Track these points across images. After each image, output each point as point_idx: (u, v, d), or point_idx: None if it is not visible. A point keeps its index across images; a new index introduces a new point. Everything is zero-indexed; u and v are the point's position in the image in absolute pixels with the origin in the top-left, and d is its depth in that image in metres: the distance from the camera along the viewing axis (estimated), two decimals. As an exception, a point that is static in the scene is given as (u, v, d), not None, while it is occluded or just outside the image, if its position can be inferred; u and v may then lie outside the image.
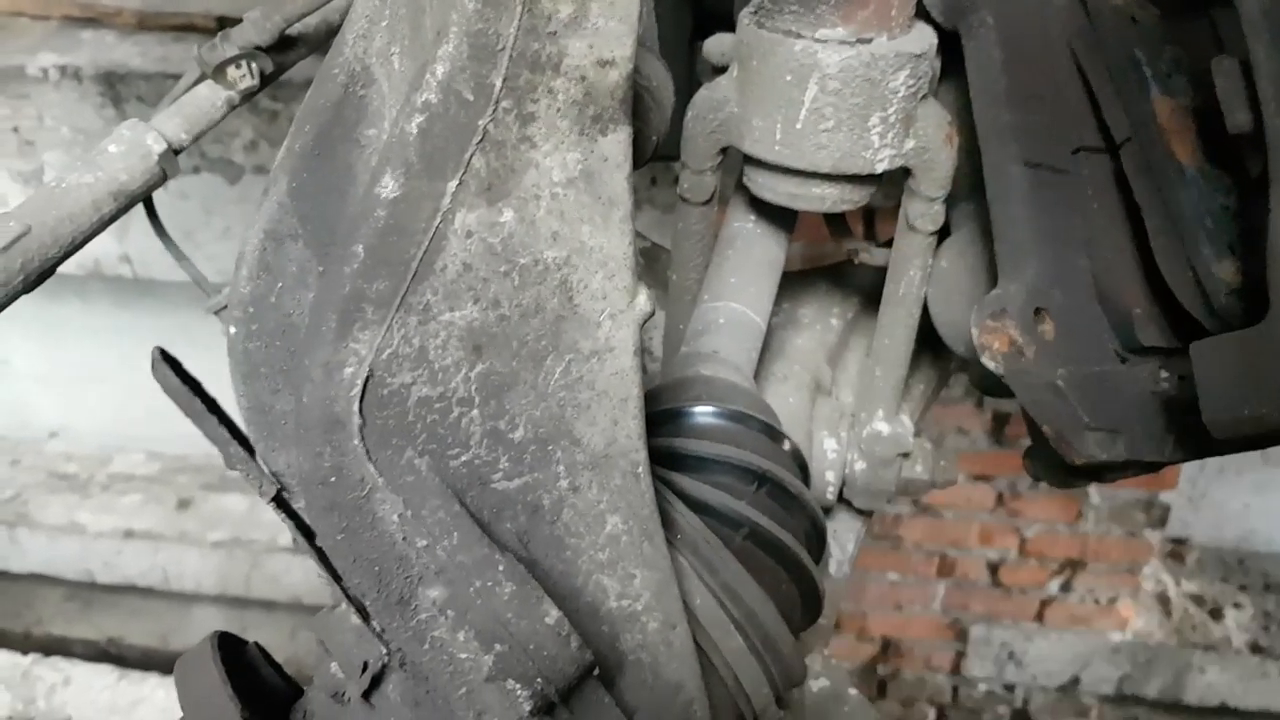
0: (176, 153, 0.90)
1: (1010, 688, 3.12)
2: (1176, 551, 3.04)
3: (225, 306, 0.91)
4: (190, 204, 2.73)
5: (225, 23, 2.74)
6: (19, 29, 2.77)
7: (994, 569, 2.95)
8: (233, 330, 0.65)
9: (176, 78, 2.69)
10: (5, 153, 2.63)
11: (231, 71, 0.92)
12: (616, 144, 0.60)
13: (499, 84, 0.56)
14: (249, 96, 0.94)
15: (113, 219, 0.88)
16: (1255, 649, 2.90)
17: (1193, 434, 0.79)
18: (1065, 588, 2.95)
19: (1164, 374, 0.81)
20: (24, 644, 2.97)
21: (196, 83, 0.94)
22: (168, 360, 0.69)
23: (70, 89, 2.61)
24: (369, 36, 0.64)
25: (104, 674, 2.18)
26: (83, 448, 3.28)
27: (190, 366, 0.69)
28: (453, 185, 0.56)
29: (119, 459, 3.25)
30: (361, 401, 0.56)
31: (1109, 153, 0.85)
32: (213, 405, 0.68)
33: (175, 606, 3.23)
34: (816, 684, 0.95)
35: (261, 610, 3.16)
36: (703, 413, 0.77)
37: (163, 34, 2.71)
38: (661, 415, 0.78)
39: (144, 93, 2.58)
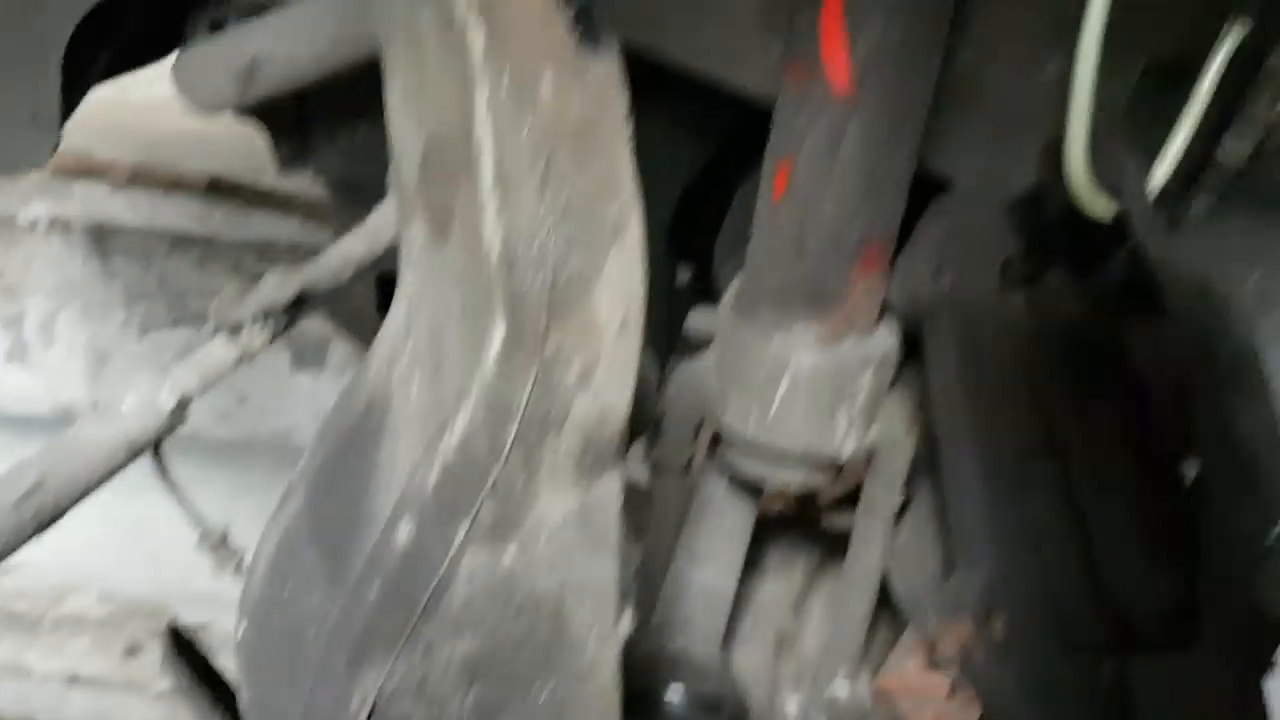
0: (185, 406, 0.95)
1: None
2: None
3: (219, 542, 0.95)
4: (168, 355, 2.77)
5: (217, 183, 2.83)
6: (15, 178, 2.84)
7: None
8: (244, 624, 0.69)
9: (165, 234, 2.74)
10: (-12, 295, 2.67)
11: (246, 331, 0.97)
12: (611, 485, 0.66)
13: (510, 440, 0.62)
14: (260, 351, 1.00)
15: (122, 468, 0.92)
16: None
17: (1131, 734, 0.84)
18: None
19: (1106, 677, 0.86)
20: (-47, 790, 2.87)
21: (210, 339, 1.00)
22: (179, 644, 0.73)
23: (58, 239, 2.67)
24: (392, 365, 0.70)
25: None
26: (34, 586, 3.23)
27: (148, 510, 0.71)
28: (463, 530, 0.62)
29: (71, 599, 3.20)
30: (365, 732, 0.61)
31: (1058, 456, 0.93)
32: (222, 691, 0.72)
33: (114, 755, 3.15)
34: None
35: (201, 763, 3.09)
36: (674, 704, 0.81)
37: (153, 190, 2.79)
38: (636, 699, 0.82)
39: (131, 247, 2.64)
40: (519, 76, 0.57)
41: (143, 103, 2.56)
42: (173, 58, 1.20)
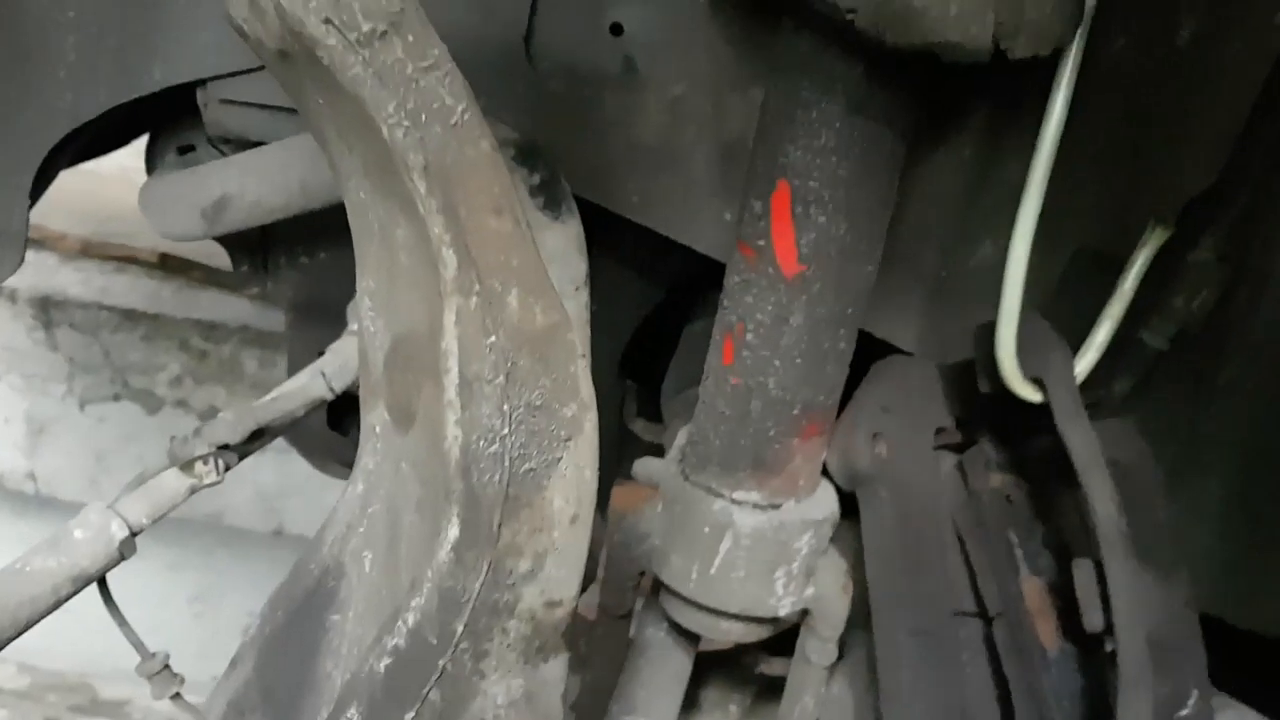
0: (135, 535, 0.96)
1: None
2: None
3: (159, 670, 0.95)
4: (107, 429, 2.74)
5: (168, 260, 2.83)
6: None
7: None
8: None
9: (113, 309, 2.72)
10: (-70, 363, 2.64)
11: (199, 466, 0.99)
12: (556, 669, 0.68)
13: (460, 629, 0.64)
14: (210, 486, 1.01)
15: (67, 599, 0.92)
16: None
17: None
18: None
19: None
20: None
21: (163, 469, 1.01)
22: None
23: (3, 308, 2.65)
24: (346, 539, 0.72)
25: None
26: (-50, 658, 3.15)
27: None
28: (409, 717, 0.64)
29: (-12, 672, 3.12)
30: None
31: (983, 619, 0.97)
32: None
33: (23, 833, 3.05)
34: None
35: (114, 843, 3.00)
36: None
37: (104, 263, 2.78)
38: None
39: (77, 321, 2.63)
40: (488, 293, 0.61)
41: (97, 175, 2.57)
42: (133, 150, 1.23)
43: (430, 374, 0.64)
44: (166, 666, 1.01)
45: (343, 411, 1.43)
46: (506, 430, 0.64)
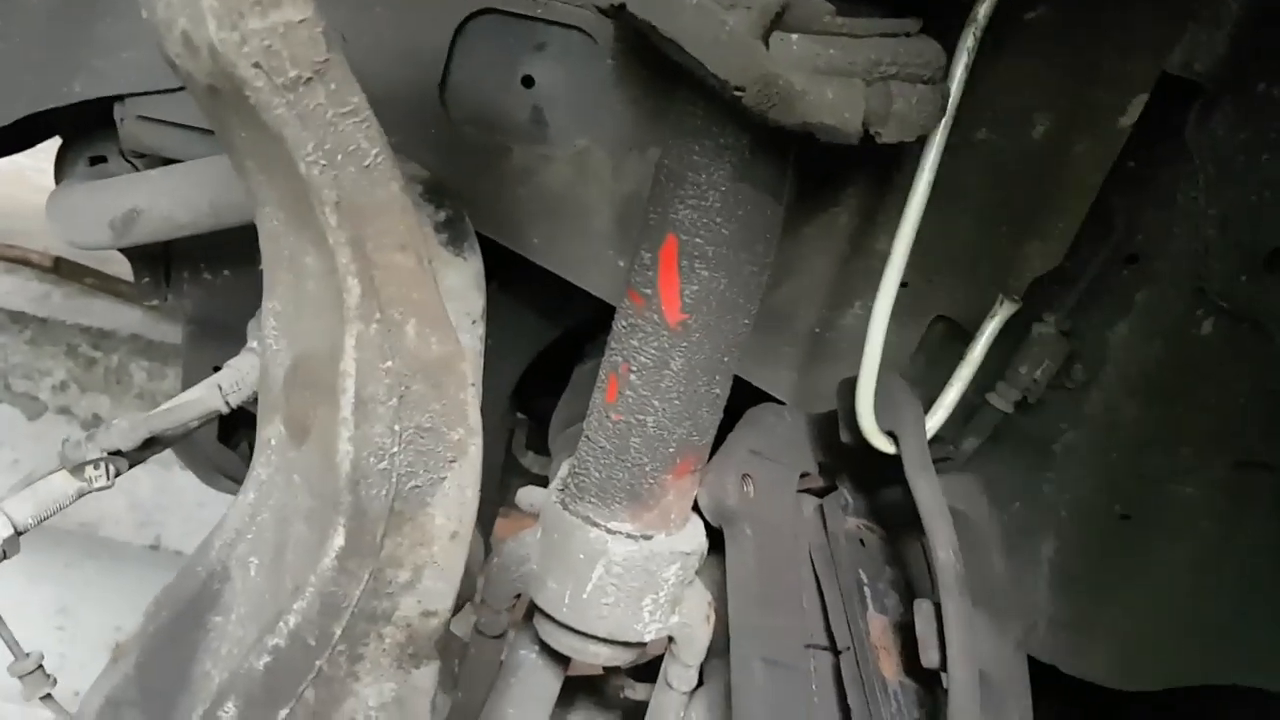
0: (19, 534, 0.97)
1: None
2: None
3: (32, 671, 0.97)
4: (-14, 425, 2.68)
5: (61, 263, 2.79)
6: None
7: None
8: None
9: (6, 312, 2.66)
10: None
11: (89, 470, 1.01)
12: (427, 675, 0.73)
13: (338, 632, 0.69)
14: (99, 490, 1.03)
15: (-57, 596, 0.93)
16: None
17: None
18: None
19: None
20: None
21: (52, 472, 1.02)
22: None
23: None
24: (234, 545, 0.76)
25: None
26: None
27: None
28: (284, 714, 0.68)
29: None
30: None
31: (833, 652, 1.04)
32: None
33: None
34: None
35: None
36: None
37: (-4, 265, 2.73)
38: None
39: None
40: (388, 322, 0.66)
41: (-8, 174, 2.54)
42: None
43: (327, 393, 0.69)
44: (40, 667, 1.03)
45: (232, 427, 1.45)
46: (396, 449, 0.69)
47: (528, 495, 1.12)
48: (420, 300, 0.67)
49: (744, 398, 1.11)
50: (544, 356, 1.45)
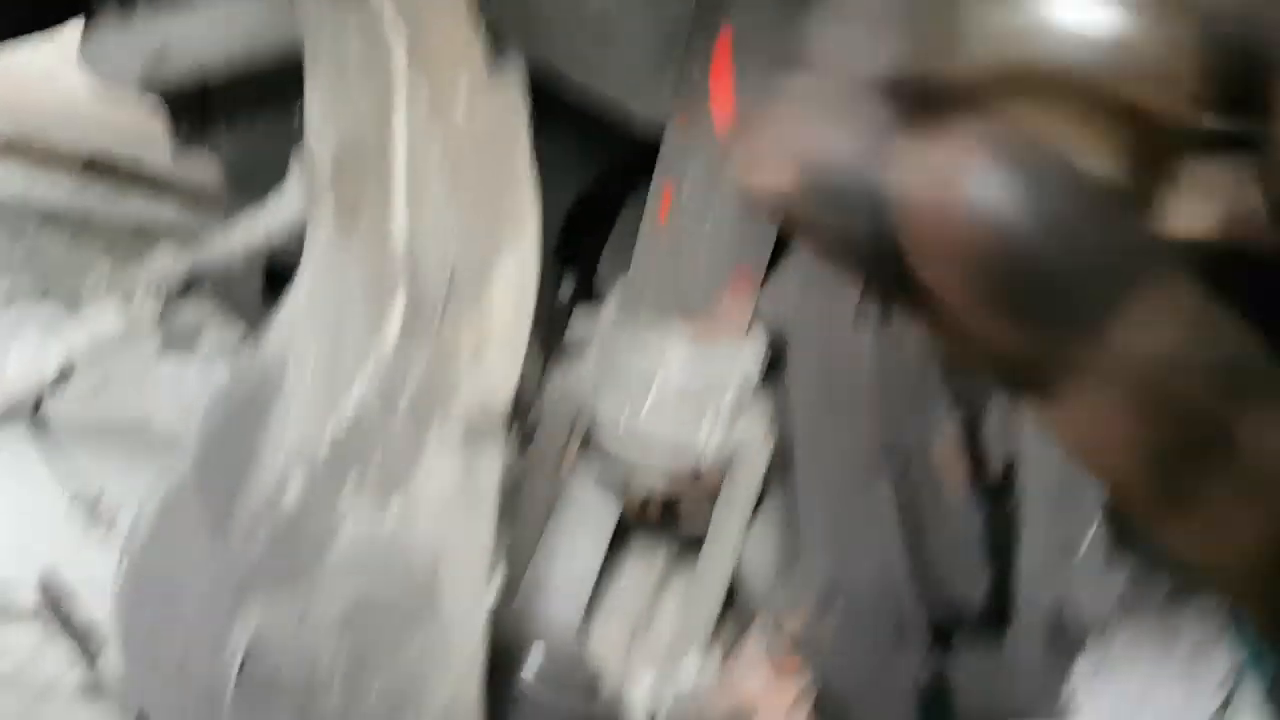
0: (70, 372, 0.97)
1: None
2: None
3: (90, 507, 0.97)
4: (28, 326, 2.69)
5: (94, 162, 2.77)
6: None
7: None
8: (122, 581, 0.72)
9: (37, 209, 2.67)
10: None
11: (135, 304, 1.00)
12: (492, 456, 0.72)
13: (403, 407, 0.67)
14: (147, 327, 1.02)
15: None
16: None
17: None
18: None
19: (927, 670, 0.96)
20: None
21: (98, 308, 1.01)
22: (50, 595, 0.75)
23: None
24: (291, 337, 0.74)
25: None
26: None
27: None
28: (351, 485, 0.67)
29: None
30: (239, 674, 0.65)
31: (898, 462, 1.02)
32: (92, 643, 0.75)
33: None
34: None
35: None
36: (528, 683, 0.87)
37: (27, 164, 2.71)
38: (494, 674, 0.87)
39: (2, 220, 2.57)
40: (436, 90, 0.64)
41: (21, 73, 2.51)
42: (59, 31, 1.21)
43: (376, 176, 0.67)
44: (99, 502, 1.03)
45: (279, 284, 1.44)
46: (450, 227, 0.66)
47: (581, 326, 1.10)
48: (469, 59, 0.64)
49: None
50: (586, 203, 1.41)
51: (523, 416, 0.90)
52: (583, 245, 1.49)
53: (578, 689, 0.88)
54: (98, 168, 2.81)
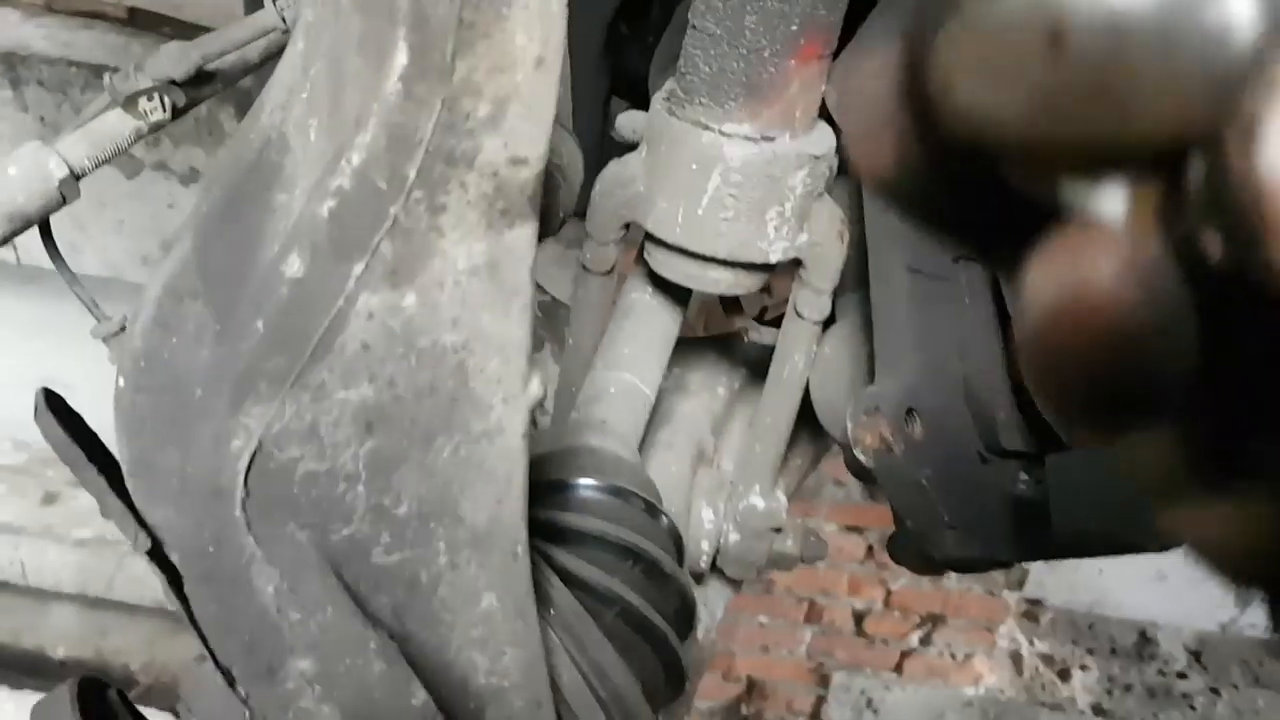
0: (78, 178, 0.89)
1: (867, 733, 3.21)
2: (1031, 612, 3.16)
3: (116, 333, 0.90)
4: (85, 194, 2.65)
5: (135, 14, 2.68)
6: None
7: (859, 618, 3.03)
8: (121, 382, 0.65)
9: (80, 65, 2.61)
10: (-109, 125, 2.54)
11: (143, 103, 0.91)
12: (522, 237, 0.62)
13: (413, 175, 0.58)
14: (158, 128, 0.94)
15: (5, 241, 0.86)
16: (1098, 711, 3.03)
17: (1043, 538, 0.84)
18: (925, 641, 3.05)
19: (1022, 478, 0.86)
20: None
21: (106, 109, 0.93)
22: (51, 404, 0.69)
23: (-33, 66, 2.52)
24: (288, 107, 0.65)
25: (-51, 684, 2.10)
26: (-54, 433, 3.15)
27: (67, 361, 0.67)
28: (359, 269, 0.58)
29: (-16, 447, 3.13)
30: (247, 474, 0.57)
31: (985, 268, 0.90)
32: (94, 449, 0.68)
33: (32, 603, 3.11)
34: (675, 751, 0.98)
35: (122, 613, 3.07)
36: (585, 486, 0.79)
37: (70, 19, 2.64)
38: (546, 486, 0.80)
39: (45, 77, 2.51)
40: None
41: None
42: None
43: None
44: (123, 328, 0.96)
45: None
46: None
47: (629, 120, 0.99)
48: None
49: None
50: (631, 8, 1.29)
51: (562, 209, 0.79)
52: (629, 45, 1.38)
53: (637, 506, 0.80)
54: (139, 22, 2.72)
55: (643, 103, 1.30)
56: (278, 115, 0.65)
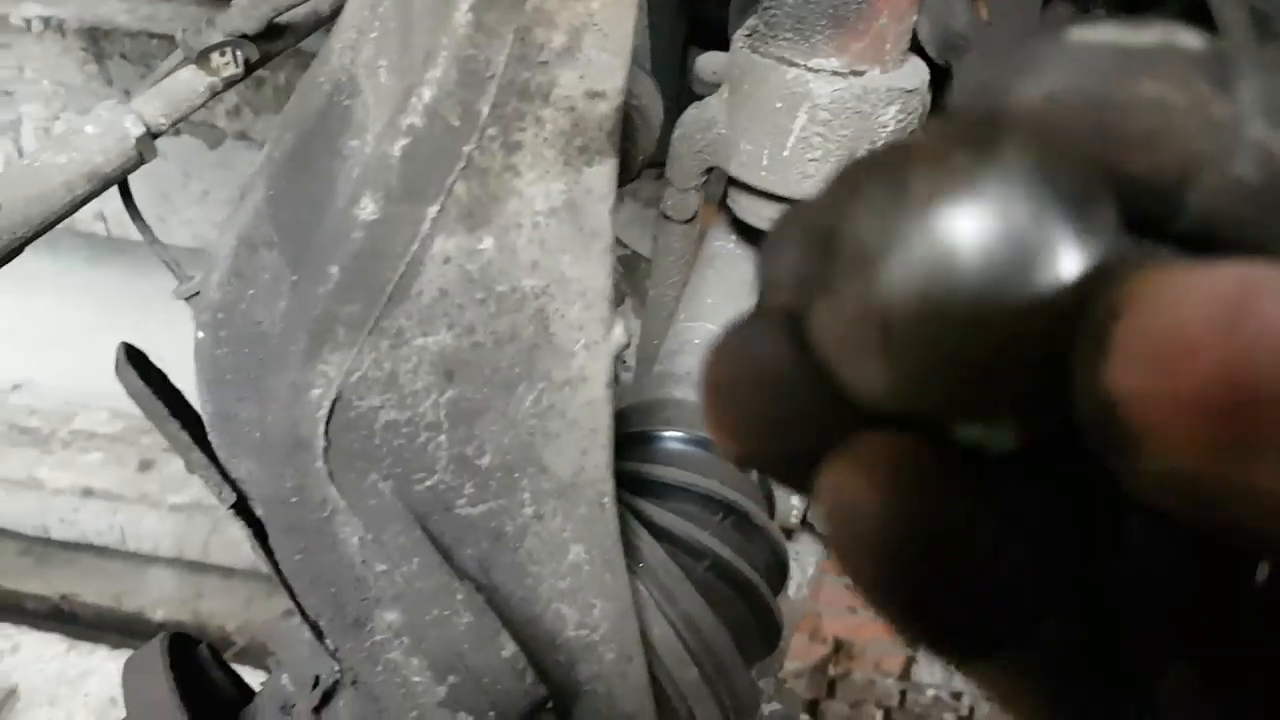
0: (154, 136, 0.89)
1: (957, 695, 3.16)
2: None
3: (196, 293, 0.90)
4: (169, 166, 2.69)
5: (215, -15, 2.69)
6: (4, -25, 2.72)
7: (951, 578, 2.97)
8: (201, 335, 0.64)
9: (161, 37, 2.63)
10: (-17, 101, 2.60)
11: (215, 58, 0.90)
12: (602, 176, 0.59)
13: (486, 111, 0.55)
14: (232, 84, 0.93)
15: (85, 200, 0.86)
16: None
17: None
18: (1019, 601, 2.98)
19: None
20: (-25, 597, 2.94)
21: (179, 66, 0.92)
22: (132, 359, 0.68)
23: (53, 42, 2.57)
24: (357, 48, 0.63)
25: (53, 643, 2.16)
26: (46, 402, 3.24)
27: (160, 331, 0.67)
28: (433, 210, 0.56)
29: (82, 416, 3.21)
30: (328, 424, 0.56)
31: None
32: (177, 405, 0.68)
33: (131, 567, 3.21)
34: (768, 708, 0.95)
35: (218, 576, 3.14)
36: (672, 438, 0.77)
37: (150, -9, 2.67)
38: (631, 438, 0.77)
39: (128, 50, 2.54)
40: None
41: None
42: None
43: None
44: (198, 293, 0.96)
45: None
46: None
47: (709, 61, 0.95)
48: None
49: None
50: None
51: (641, 152, 0.77)
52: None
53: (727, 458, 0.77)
54: (215, -9, 2.74)
55: (723, 50, 1.26)
56: (346, 56, 0.63)
